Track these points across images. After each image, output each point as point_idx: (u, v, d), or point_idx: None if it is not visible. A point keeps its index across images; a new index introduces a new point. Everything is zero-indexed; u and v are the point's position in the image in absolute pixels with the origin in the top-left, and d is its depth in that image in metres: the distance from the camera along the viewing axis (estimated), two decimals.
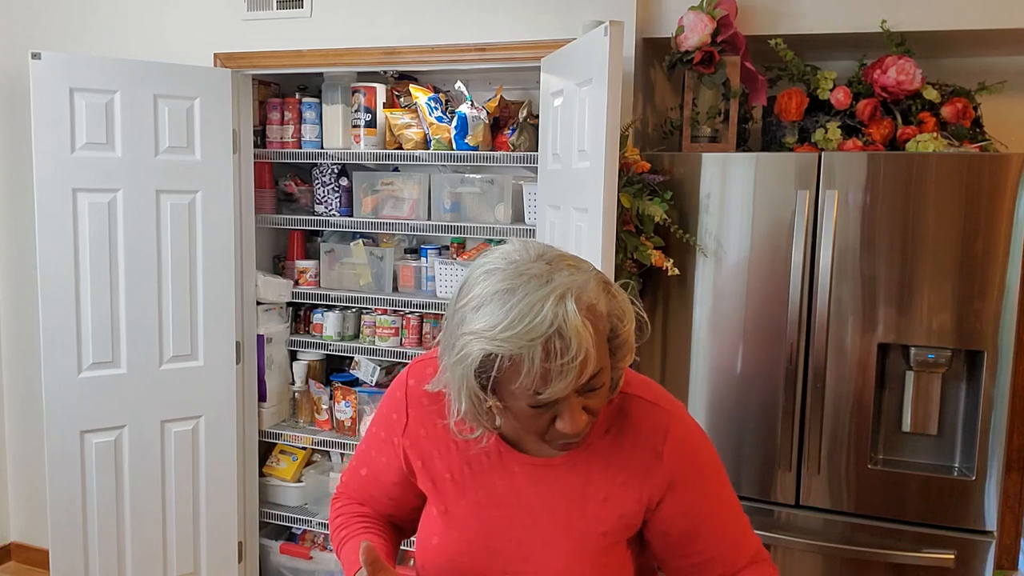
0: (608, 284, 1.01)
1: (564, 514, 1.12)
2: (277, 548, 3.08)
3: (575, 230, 2.07)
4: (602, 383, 1.00)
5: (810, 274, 2.07)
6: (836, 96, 2.23)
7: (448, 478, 1.18)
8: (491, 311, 0.95)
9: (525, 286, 0.94)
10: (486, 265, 1.01)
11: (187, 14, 2.79)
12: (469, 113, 2.61)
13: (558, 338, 0.92)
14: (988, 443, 1.98)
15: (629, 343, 1.03)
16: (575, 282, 0.95)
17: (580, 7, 2.33)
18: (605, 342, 1.00)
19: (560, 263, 0.98)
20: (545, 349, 0.92)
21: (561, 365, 0.92)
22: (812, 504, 2.12)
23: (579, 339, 0.92)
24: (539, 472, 1.13)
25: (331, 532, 1.31)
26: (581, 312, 0.93)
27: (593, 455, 1.12)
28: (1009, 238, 1.93)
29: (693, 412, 2.23)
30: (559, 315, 0.92)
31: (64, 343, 2.56)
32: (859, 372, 2.06)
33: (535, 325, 0.92)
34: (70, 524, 2.63)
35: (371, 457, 1.27)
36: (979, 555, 1.99)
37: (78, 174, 2.53)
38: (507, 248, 1.02)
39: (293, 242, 3.13)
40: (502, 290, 0.95)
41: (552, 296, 0.93)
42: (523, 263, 0.98)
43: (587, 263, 1.02)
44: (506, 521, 1.14)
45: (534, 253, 1.00)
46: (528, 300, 0.93)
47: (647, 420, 1.11)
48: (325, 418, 3.03)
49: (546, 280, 0.95)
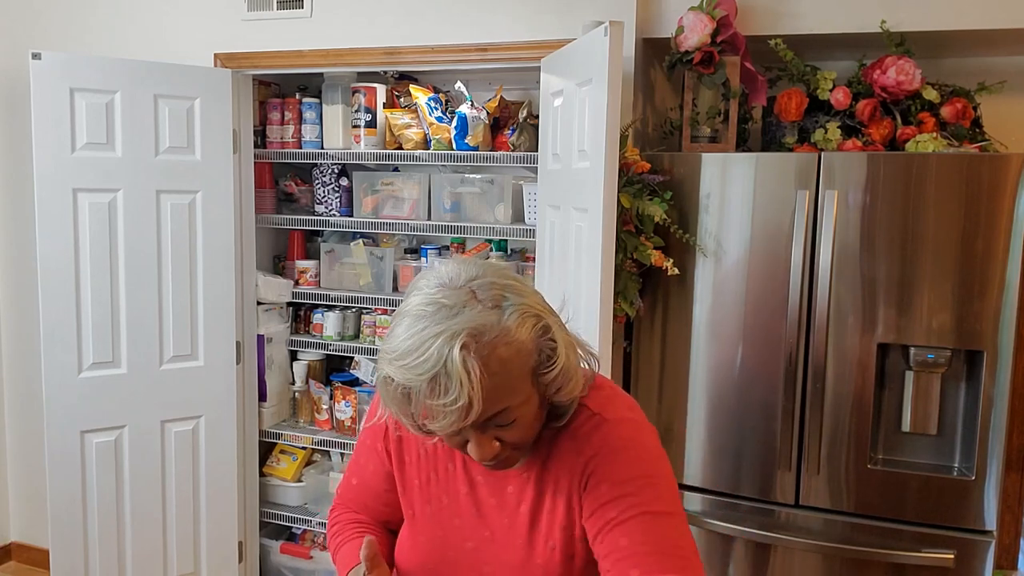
0: (539, 317, 0.98)
1: (521, 528, 1.11)
2: (277, 548, 3.08)
3: (575, 230, 2.07)
4: (511, 420, 0.98)
5: (810, 274, 2.07)
6: (836, 96, 2.23)
7: (416, 484, 1.19)
8: (397, 334, 0.95)
9: (432, 316, 0.93)
10: (421, 280, 1.00)
11: (187, 14, 2.79)
12: (469, 113, 2.61)
13: (444, 377, 0.91)
14: (988, 443, 1.98)
15: (565, 377, 1.00)
16: (477, 320, 0.93)
17: (580, 7, 2.33)
18: (526, 378, 0.97)
19: (487, 292, 0.96)
20: (430, 387, 0.92)
21: (443, 405, 0.92)
22: (812, 504, 2.12)
23: (461, 383, 0.90)
24: (499, 482, 1.13)
25: (328, 539, 1.32)
26: (474, 354, 0.91)
27: (549, 468, 1.09)
28: (1009, 238, 1.93)
29: (693, 412, 2.23)
30: (443, 356, 0.91)
31: (64, 343, 2.56)
32: (859, 372, 2.06)
33: (420, 363, 0.91)
34: (70, 524, 2.63)
35: (360, 466, 1.28)
36: (979, 555, 1.99)
37: (78, 174, 2.53)
38: (445, 268, 1.00)
39: (293, 242, 3.13)
40: (413, 315, 0.95)
41: (444, 335, 0.91)
42: (447, 288, 0.96)
43: (526, 291, 1.00)
44: (466, 531, 1.15)
45: (465, 278, 0.97)
46: (423, 335, 0.92)
47: (584, 426, 1.07)
48: (325, 418, 3.03)
49: (454, 313, 0.93)
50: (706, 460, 2.23)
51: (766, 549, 2.16)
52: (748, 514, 2.18)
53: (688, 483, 2.25)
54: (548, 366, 0.99)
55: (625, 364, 2.37)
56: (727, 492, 2.21)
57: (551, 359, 0.99)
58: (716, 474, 2.22)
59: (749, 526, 2.16)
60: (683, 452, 2.25)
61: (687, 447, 2.25)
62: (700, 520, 2.20)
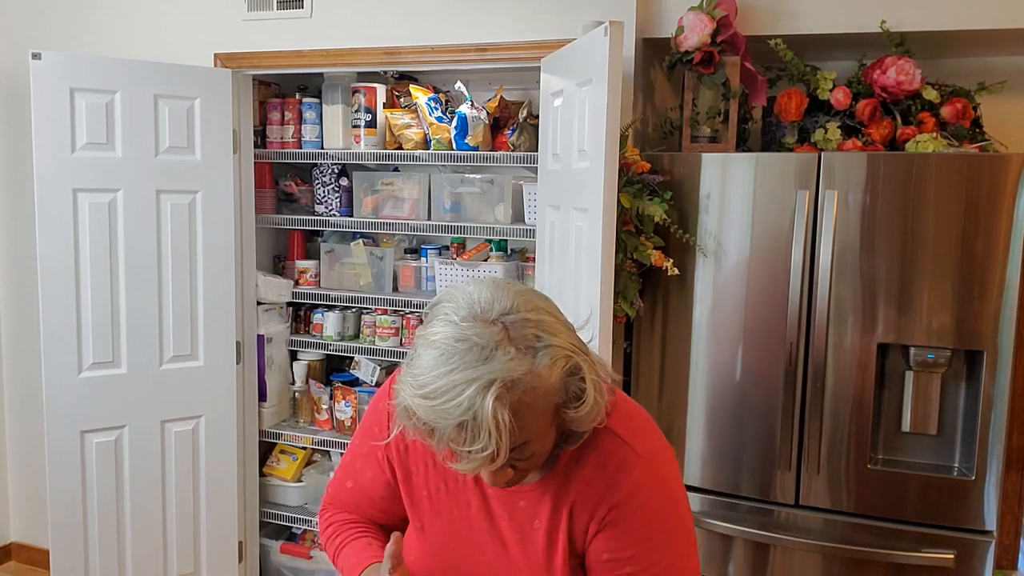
0: (570, 358, 0.96)
1: (533, 541, 1.10)
2: (277, 548, 3.08)
3: (575, 230, 2.07)
4: (529, 454, 0.98)
5: (810, 274, 2.07)
6: (836, 96, 2.23)
7: (425, 495, 1.17)
8: (424, 367, 0.93)
9: (463, 356, 0.91)
10: (450, 303, 0.97)
11: (187, 14, 2.79)
12: (469, 113, 2.61)
13: (472, 424, 0.90)
14: (988, 443, 1.98)
15: (588, 414, 0.99)
16: (510, 371, 0.91)
17: (580, 7, 2.33)
18: (548, 415, 0.96)
19: (521, 330, 0.94)
20: (457, 431, 0.91)
21: (469, 451, 0.91)
22: (812, 504, 2.12)
23: (490, 434, 0.89)
24: (511, 496, 1.12)
25: (324, 542, 1.30)
26: (504, 404, 0.90)
27: (562, 484, 1.09)
28: (1009, 238, 1.93)
29: (693, 412, 2.23)
30: (476, 405, 0.89)
31: (64, 343, 2.56)
32: (859, 372, 2.06)
33: (451, 407, 0.90)
34: (70, 524, 2.63)
35: (356, 470, 1.26)
36: (979, 555, 1.99)
37: (78, 174, 2.53)
38: (477, 295, 0.97)
39: (293, 242, 3.13)
40: (442, 349, 0.93)
41: (477, 383, 0.89)
42: (478, 322, 0.93)
43: (559, 328, 0.97)
44: (478, 544, 1.14)
45: (498, 310, 0.95)
46: (454, 377, 0.90)
47: (614, 457, 1.06)
48: (325, 418, 3.03)
49: (485, 357, 0.91)
50: (706, 460, 2.23)
51: (766, 549, 2.16)
52: (748, 514, 2.18)
53: (688, 483, 2.25)
54: (574, 404, 0.98)
55: (625, 364, 2.37)
56: (727, 492, 2.21)
57: (579, 398, 0.97)
58: (716, 474, 2.22)
59: (749, 526, 2.16)
60: (683, 452, 2.25)
61: (687, 447, 2.25)
62: (700, 520, 2.20)
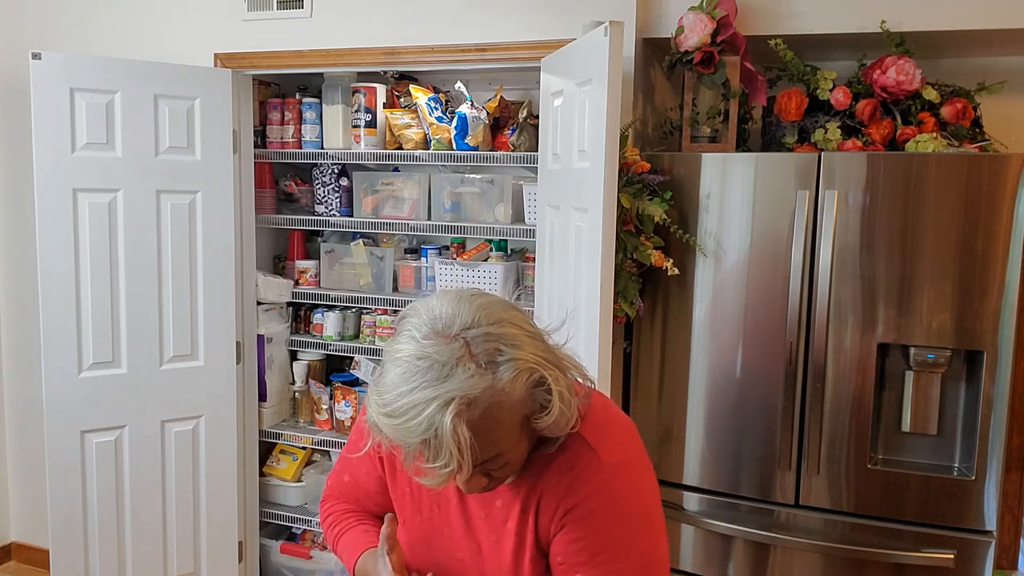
0: (533, 371, 0.96)
1: (504, 540, 1.12)
2: (277, 548, 3.08)
3: (575, 230, 2.07)
4: (501, 464, 0.99)
5: (810, 274, 2.07)
6: (836, 96, 2.23)
7: (407, 492, 1.19)
8: (388, 384, 0.94)
9: (423, 374, 0.92)
10: (413, 320, 0.98)
11: (187, 14, 2.79)
12: (469, 113, 2.61)
13: (434, 441, 0.91)
14: (988, 443, 1.98)
15: (557, 423, 0.99)
16: (469, 388, 0.92)
17: (580, 7, 2.33)
18: (516, 427, 0.97)
19: (483, 345, 0.94)
20: (420, 448, 0.92)
21: (432, 468, 0.92)
22: (812, 504, 2.12)
23: (451, 452, 0.91)
24: (489, 496, 1.13)
25: (324, 531, 1.33)
26: (465, 422, 0.91)
27: (532, 485, 1.09)
28: (1009, 238, 1.93)
29: (693, 412, 2.23)
30: (434, 424, 0.90)
31: (64, 343, 2.56)
32: (859, 372, 2.06)
33: (412, 427, 0.91)
34: (70, 524, 2.63)
35: (352, 465, 1.29)
36: (979, 555, 1.99)
37: (78, 174, 2.53)
38: (439, 309, 0.97)
39: (293, 242, 3.13)
40: (404, 368, 0.94)
41: (436, 402, 0.90)
42: (439, 337, 0.94)
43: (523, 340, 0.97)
44: (455, 542, 1.15)
45: (459, 325, 0.95)
46: (414, 397, 0.91)
47: (579, 462, 1.06)
48: (325, 418, 3.03)
49: (444, 376, 0.92)
50: (706, 460, 2.23)
51: (766, 549, 2.16)
52: (748, 514, 2.18)
53: (688, 483, 2.25)
54: (541, 414, 0.98)
55: (625, 364, 2.37)
56: (727, 492, 2.21)
57: (545, 408, 0.98)
58: (716, 474, 2.22)
59: (749, 526, 2.16)
60: (683, 452, 2.25)
61: (687, 447, 2.25)
62: (699, 520, 2.20)
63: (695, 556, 2.24)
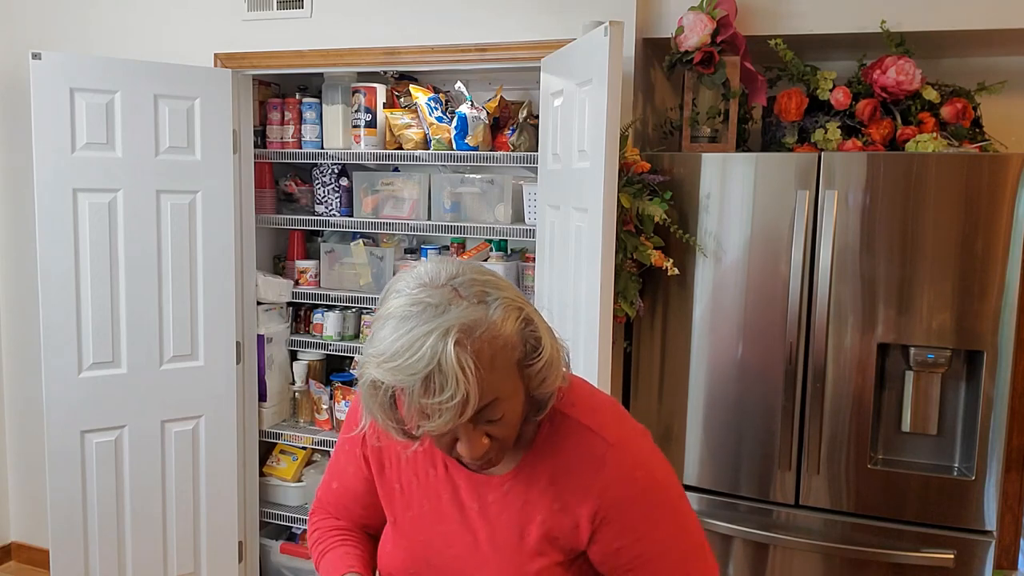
0: (521, 309, 0.99)
1: (503, 534, 1.11)
2: (277, 548, 3.08)
3: (575, 230, 2.07)
4: (500, 414, 0.99)
5: (810, 274, 2.07)
6: (836, 96, 2.23)
7: (397, 488, 1.19)
8: (383, 336, 0.95)
9: (418, 316, 0.93)
10: (399, 283, 1.00)
11: (187, 14, 2.79)
12: (469, 113, 2.61)
13: (437, 375, 0.91)
14: (988, 443, 1.99)
15: (549, 368, 1.01)
16: (466, 316, 0.93)
17: (580, 7, 2.33)
18: (512, 371, 0.98)
19: (469, 288, 0.96)
20: (424, 385, 0.91)
21: (439, 403, 0.91)
22: (812, 504, 2.12)
23: (457, 379, 0.90)
24: (481, 489, 1.12)
25: (310, 545, 1.32)
26: (466, 350, 0.91)
27: (534, 476, 1.09)
28: (1009, 238, 1.93)
29: (692, 412, 2.23)
30: (438, 352, 0.90)
31: (64, 343, 2.56)
32: (859, 372, 2.06)
33: (413, 361, 0.91)
34: (70, 524, 2.63)
35: (340, 470, 1.28)
36: (979, 555, 1.99)
37: (78, 174, 2.53)
38: (422, 269, 1.01)
39: (293, 242, 3.13)
40: (398, 316, 0.95)
41: (436, 332, 0.91)
42: (428, 287, 0.96)
43: (506, 286, 1.00)
44: (449, 536, 1.14)
45: (444, 276, 0.98)
46: (413, 334, 0.92)
47: (583, 448, 1.07)
48: (325, 418, 3.03)
49: (441, 312, 0.93)
50: (706, 460, 2.23)
51: (766, 549, 2.16)
52: (748, 514, 2.18)
53: (688, 483, 2.25)
54: (534, 357, 0.99)
55: (625, 364, 2.37)
56: (727, 492, 2.21)
57: (536, 350, 0.99)
58: (716, 474, 2.22)
59: (749, 526, 2.16)
60: (683, 452, 2.25)
61: (687, 447, 2.25)
62: (699, 520, 2.20)
63: None
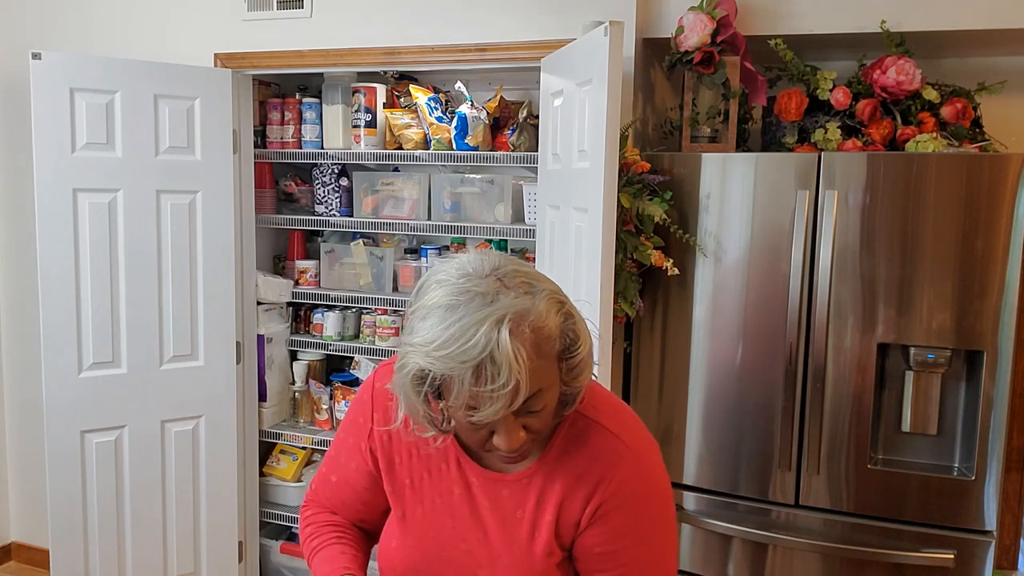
0: (563, 303, 0.99)
1: (514, 531, 1.11)
2: (277, 548, 3.08)
3: (575, 230, 2.07)
4: (542, 405, 0.99)
5: (810, 274, 2.07)
6: (836, 96, 2.23)
7: (408, 483, 1.18)
8: (430, 326, 0.94)
9: (467, 304, 0.93)
10: (439, 274, 1.00)
11: (187, 14, 2.79)
12: (469, 113, 2.61)
13: (490, 363, 0.91)
14: (988, 443, 1.98)
15: (584, 362, 1.02)
16: (517, 306, 0.93)
17: (580, 7, 2.33)
18: (553, 362, 0.98)
19: (513, 279, 0.96)
20: (476, 373, 0.91)
21: (491, 391, 0.91)
22: (811, 504, 2.12)
23: (511, 367, 0.90)
24: (494, 486, 1.13)
25: (302, 540, 1.31)
26: (518, 338, 0.92)
27: (548, 475, 1.10)
28: (1009, 238, 1.93)
29: (692, 412, 2.23)
30: (492, 340, 0.90)
31: (64, 343, 2.56)
32: (859, 372, 2.06)
33: (467, 348, 0.91)
34: (70, 524, 2.63)
35: (341, 464, 1.27)
36: (979, 555, 1.99)
37: (78, 174, 2.53)
38: (464, 259, 1.01)
39: (293, 242, 3.13)
40: (445, 305, 0.94)
41: (489, 320, 0.91)
42: (474, 277, 0.96)
43: (545, 279, 1.01)
44: (460, 532, 1.14)
45: (488, 267, 0.98)
46: (465, 321, 0.92)
47: (603, 448, 1.08)
48: (325, 418, 3.03)
49: (490, 300, 0.93)
50: (705, 460, 2.23)
51: (765, 549, 2.16)
52: (747, 514, 2.18)
53: (687, 483, 2.25)
54: (573, 351, 1.00)
55: (625, 364, 2.37)
56: (726, 492, 2.21)
57: (575, 344, 1.00)
58: (715, 474, 2.22)
59: (748, 526, 2.16)
60: (682, 451, 2.25)
61: (686, 447, 2.25)
62: (698, 520, 2.20)
63: (694, 556, 2.24)
